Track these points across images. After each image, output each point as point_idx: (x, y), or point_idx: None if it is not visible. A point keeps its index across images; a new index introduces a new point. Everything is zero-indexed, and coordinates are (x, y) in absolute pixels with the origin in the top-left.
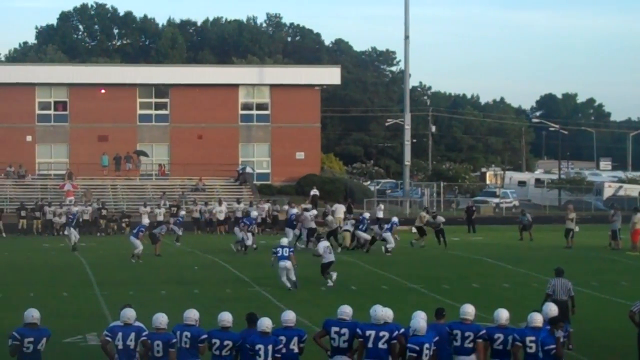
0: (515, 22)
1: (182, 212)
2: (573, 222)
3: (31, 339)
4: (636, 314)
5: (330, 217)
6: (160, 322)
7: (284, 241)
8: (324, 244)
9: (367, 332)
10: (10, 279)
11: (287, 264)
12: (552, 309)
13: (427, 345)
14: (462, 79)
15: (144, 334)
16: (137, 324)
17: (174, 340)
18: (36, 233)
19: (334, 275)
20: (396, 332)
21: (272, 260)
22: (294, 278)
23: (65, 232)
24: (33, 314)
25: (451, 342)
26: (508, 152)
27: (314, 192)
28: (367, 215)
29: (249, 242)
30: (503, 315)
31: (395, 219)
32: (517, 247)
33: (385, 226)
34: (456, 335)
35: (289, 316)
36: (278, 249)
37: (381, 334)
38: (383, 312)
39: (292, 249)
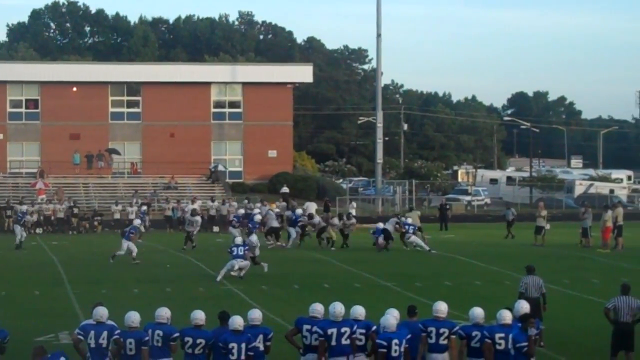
0: (487, 20)
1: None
2: (544, 220)
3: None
4: (610, 311)
5: (317, 218)
6: (133, 321)
7: (239, 240)
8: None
9: (329, 331)
10: None
11: (242, 263)
12: (523, 306)
13: (396, 341)
14: (434, 77)
15: (117, 332)
16: (110, 322)
17: (147, 339)
18: (7, 231)
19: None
20: (355, 327)
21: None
22: (242, 273)
23: (13, 229)
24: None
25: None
26: (480, 150)
27: (284, 189)
28: (409, 220)
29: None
30: (479, 313)
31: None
32: (490, 245)
33: (410, 229)
34: (430, 333)
35: (255, 314)
36: (233, 248)
37: (342, 330)
38: (342, 310)
39: (247, 248)
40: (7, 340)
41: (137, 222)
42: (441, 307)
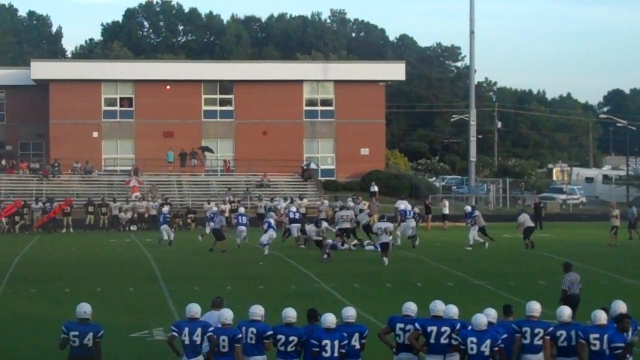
0: (582, 16)
1: (242, 209)
2: (617, 219)
3: (76, 333)
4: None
5: (363, 214)
6: (226, 318)
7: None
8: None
9: (429, 328)
10: (78, 274)
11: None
12: (620, 306)
13: (472, 339)
14: (529, 75)
15: (210, 329)
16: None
17: (240, 336)
18: (102, 228)
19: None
20: (459, 326)
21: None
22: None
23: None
24: (85, 310)
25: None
26: (575, 148)
27: (374, 188)
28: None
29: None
30: (565, 312)
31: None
32: (585, 245)
33: (468, 220)
34: (525, 333)
35: (350, 312)
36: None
37: (443, 329)
38: (444, 307)
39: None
40: (102, 335)
41: (241, 209)
42: (535, 307)
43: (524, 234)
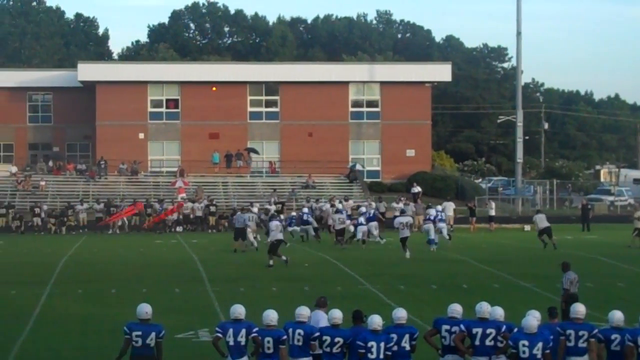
0: (630, 16)
1: (292, 214)
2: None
3: (139, 333)
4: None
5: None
6: (271, 319)
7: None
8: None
9: (474, 330)
10: (124, 275)
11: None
12: None
13: (524, 342)
14: (576, 75)
15: (255, 330)
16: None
17: (285, 337)
18: (148, 230)
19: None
20: (504, 328)
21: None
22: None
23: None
24: (146, 310)
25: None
26: (623, 149)
27: (417, 189)
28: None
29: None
30: (619, 316)
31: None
32: (634, 247)
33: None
34: (569, 335)
35: (401, 313)
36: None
37: (488, 331)
38: (490, 309)
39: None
40: (163, 335)
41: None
42: (580, 309)
43: (539, 232)
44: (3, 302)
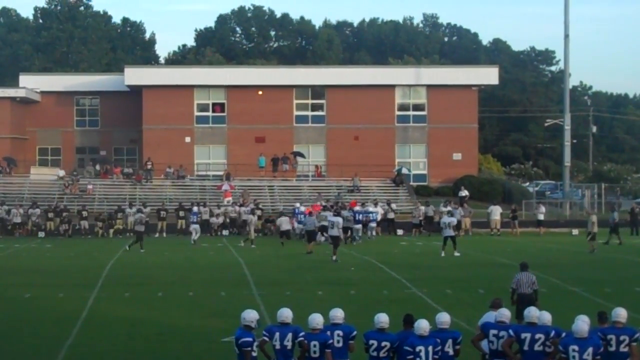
0: None
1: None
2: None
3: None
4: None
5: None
6: (317, 323)
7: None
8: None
9: (523, 335)
10: (170, 278)
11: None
12: None
13: (574, 347)
14: (624, 78)
15: (301, 334)
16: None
17: (330, 341)
18: (180, 231)
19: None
20: (553, 334)
21: None
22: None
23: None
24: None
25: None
26: None
27: (464, 192)
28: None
29: None
30: None
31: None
32: None
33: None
34: (610, 340)
35: (444, 318)
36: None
37: (537, 336)
38: (538, 313)
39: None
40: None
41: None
42: (621, 313)
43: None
44: (51, 305)
